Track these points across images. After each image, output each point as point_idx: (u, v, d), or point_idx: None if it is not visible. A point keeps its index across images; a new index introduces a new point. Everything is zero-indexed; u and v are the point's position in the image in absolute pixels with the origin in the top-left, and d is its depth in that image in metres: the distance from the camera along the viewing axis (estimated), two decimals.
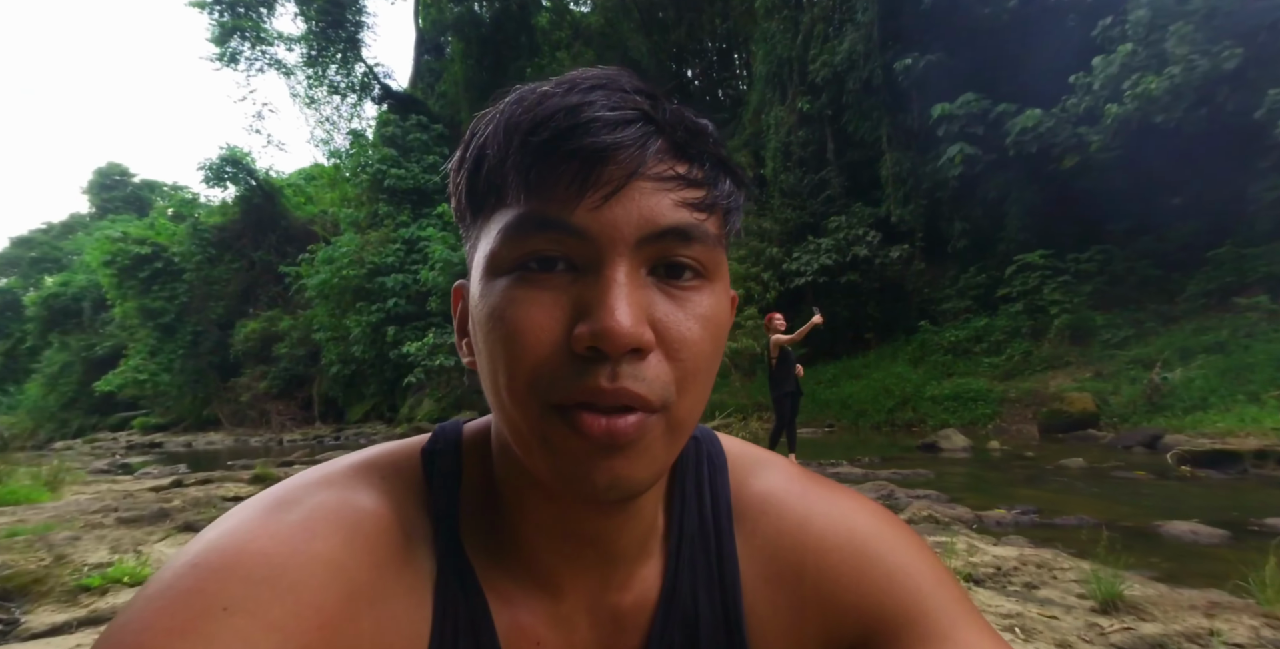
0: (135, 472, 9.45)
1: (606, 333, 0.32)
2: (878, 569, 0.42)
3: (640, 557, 0.45)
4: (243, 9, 21.38)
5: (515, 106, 0.36)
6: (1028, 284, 10.23)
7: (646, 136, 0.34)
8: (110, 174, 38.37)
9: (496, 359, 0.35)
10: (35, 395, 30.67)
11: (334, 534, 0.36)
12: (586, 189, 0.33)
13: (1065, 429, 8.16)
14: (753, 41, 14.68)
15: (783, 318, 6.20)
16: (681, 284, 0.36)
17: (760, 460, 0.50)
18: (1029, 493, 4.96)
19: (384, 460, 0.44)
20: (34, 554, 3.59)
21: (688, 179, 0.35)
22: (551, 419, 0.34)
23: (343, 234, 20.05)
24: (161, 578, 0.33)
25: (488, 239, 0.37)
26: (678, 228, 0.35)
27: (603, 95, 0.35)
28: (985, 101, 10.54)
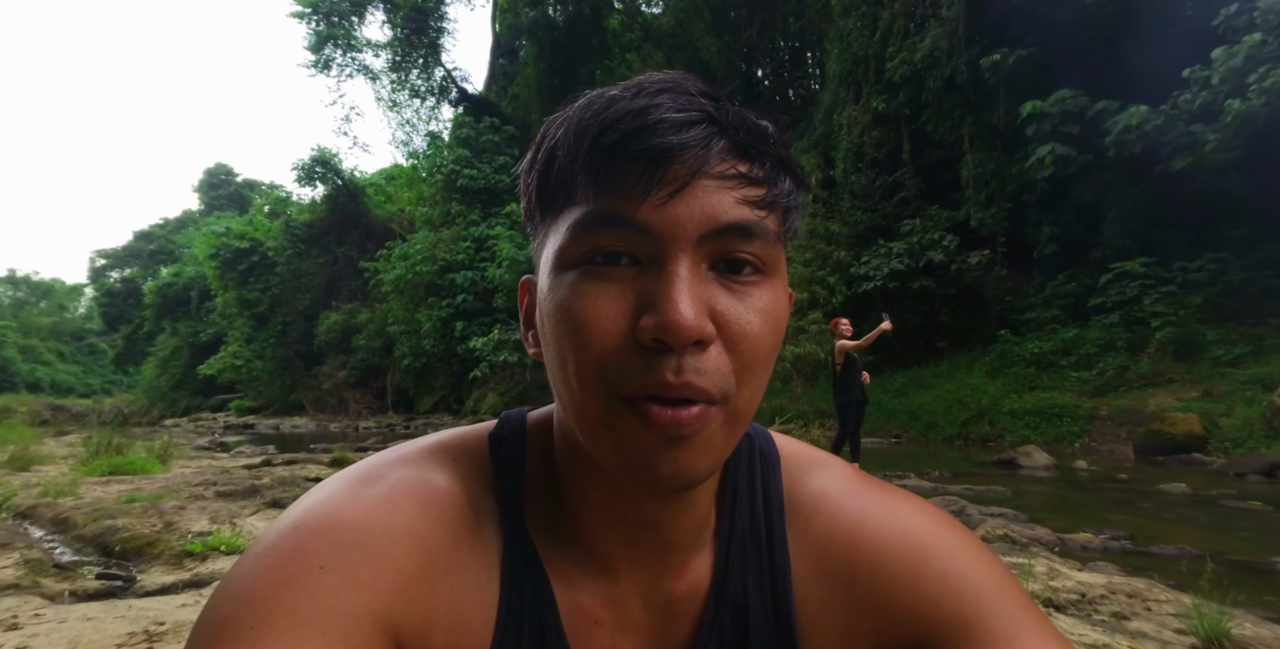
0: (231, 450, 10.25)
1: (671, 325, 0.33)
2: (935, 572, 0.42)
3: (694, 547, 0.46)
4: (336, 18, 22.77)
5: (585, 110, 0.38)
6: (1125, 294, 9.51)
7: (710, 137, 0.36)
8: (217, 174, 41.74)
9: (564, 349, 0.37)
10: (150, 376, 33.76)
11: (412, 507, 0.40)
12: (652, 187, 0.35)
13: (1166, 452, 7.55)
14: (827, 40, 14.34)
15: (849, 323, 6.04)
16: (741, 279, 0.37)
17: (815, 460, 0.51)
18: (1121, 518, 4.61)
19: (455, 443, 0.47)
20: (148, 520, 3.96)
21: (749, 178, 0.37)
22: (619, 408, 0.36)
23: (418, 232, 21.00)
24: (267, 538, 0.37)
25: (556, 236, 0.38)
26: (739, 224, 0.36)
27: (669, 98, 0.36)
28: (1083, 98, 9.87)
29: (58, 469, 6.25)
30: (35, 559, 3.37)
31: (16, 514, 4.58)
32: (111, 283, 40.74)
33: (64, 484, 5.01)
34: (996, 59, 10.68)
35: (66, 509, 4.35)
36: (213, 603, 0.35)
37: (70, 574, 3.27)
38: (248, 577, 0.35)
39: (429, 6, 22.98)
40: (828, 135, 14.16)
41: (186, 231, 39.55)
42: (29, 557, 3.40)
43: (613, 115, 0.36)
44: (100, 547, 3.75)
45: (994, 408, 9.71)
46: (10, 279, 59.88)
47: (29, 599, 2.82)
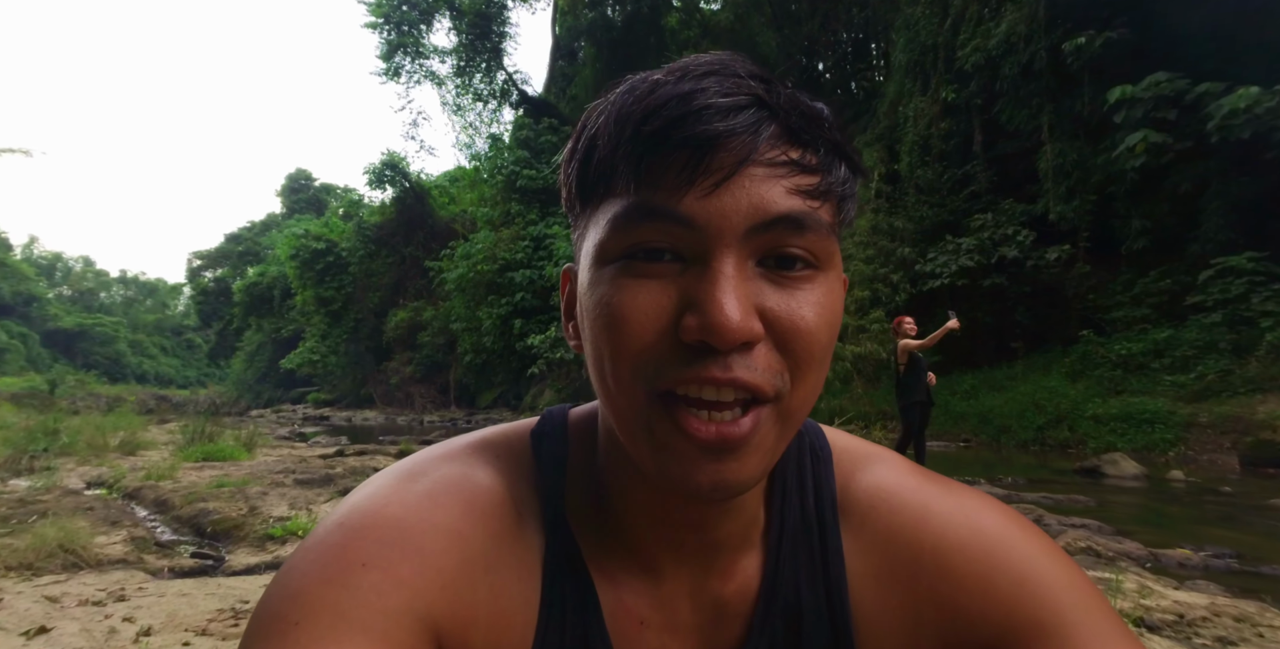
0: (309, 440, 10.91)
1: (716, 328, 0.32)
2: (1007, 574, 0.39)
3: (742, 547, 0.44)
4: (406, 27, 23.75)
5: (626, 96, 0.36)
6: (1229, 292, 8.72)
7: (759, 122, 0.34)
8: (297, 179, 44.37)
9: (602, 345, 0.36)
10: (238, 369, 36.37)
11: (454, 505, 0.40)
12: (696, 177, 0.33)
13: (1278, 464, 6.95)
14: (893, 30, 13.82)
15: (913, 321, 5.81)
16: (792, 275, 0.35)
17: (869, 454, 0.49)
18: (1224, 533, 4.28)
19: (498, 440, 0.47)
20: (235, 504, 4.27)
21: (801, 165, 0.35)
22: (656, 410, 0.34)
23: (479, 231, 21.67)
24: (316, 534, 0.38)
25: (596, 229, 0.37)
26: (790, 216, 0.34)
27: (715, 82, 0.34)
28: (1181, 81, 9.11)
29: (159, 454, 6.83)
30: (140, 537, 3.71)
31: (125, 495, 5.04)
32: (205, 282, 44.01)
33: (164, 468, 5.48)
34: (1081, 43, 10.01)
35: (166, 491, 4.76)
36: (265, 597, 0.36)
37: (169, 552, 3.58)
38: (295, 573, 0.36)
39: (492, 12, 23.64)
40: (892, 128, 13.66)
41: (270, 233, 42.19)
42: (135, 534, 3.74)
43: (655, 101, 0.34)
44: (194, 527, 4.07)
45: (1074, 412, 9.13)
46: (122, 279, 65.81)
47: (134, 573, 3.10)
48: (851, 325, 11.79)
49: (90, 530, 3.60)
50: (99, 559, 3.29)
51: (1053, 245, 10.75)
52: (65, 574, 3.03)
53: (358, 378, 27.12)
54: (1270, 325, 8.16)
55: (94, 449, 6.95)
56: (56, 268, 60.46)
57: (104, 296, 61.46)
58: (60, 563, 3.18)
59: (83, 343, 45.27)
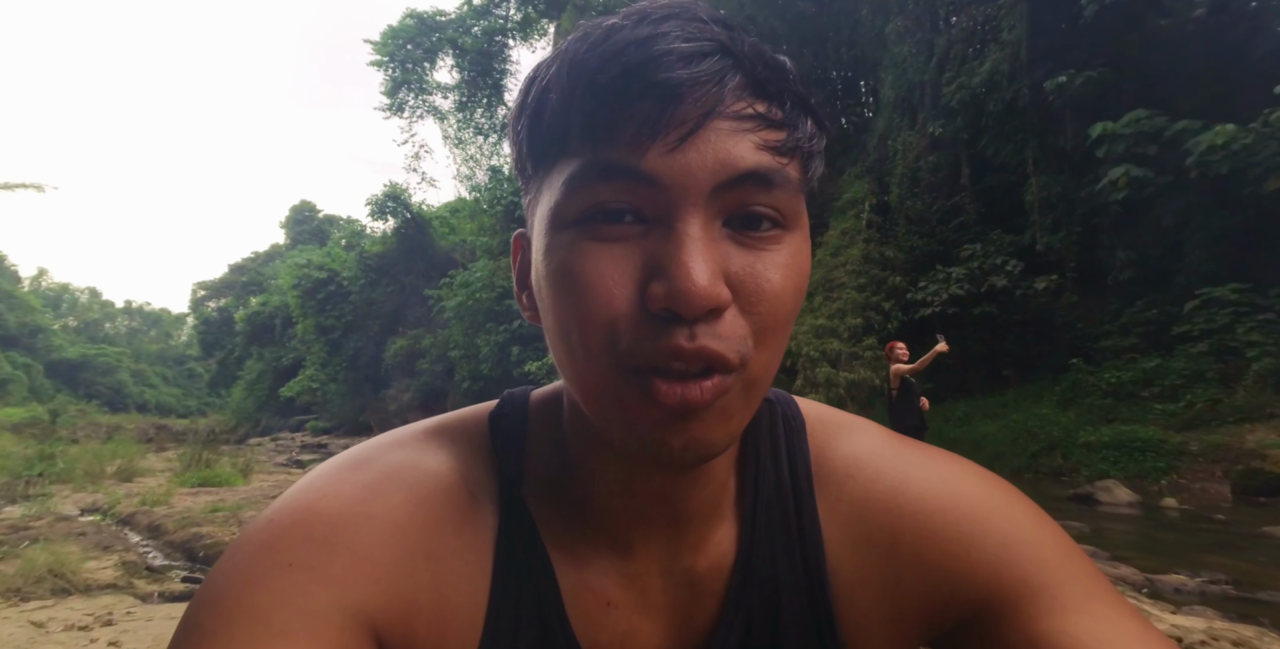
0: (305, 467, 10.91)
1: (683, 294, 0.30)
2: (992, 536, 0.38)
3: (713, 519, 0.43)
4: (410, 64, 24.53)
5: (580, 43, 0.33)
6: (1215, 322, 8.84)
7: (724, 71, 0.32)
8: (301, 210, 45.03)
9: (566, 317, 0.34)
10: (238, 397, 36.28)
11: (394, 495, 0.38)
12: (659, 131, 0.31)
13: (1269, 492, 6.92)
14: (881, 68, 14.30)
15: (905, 347, 5.93)
16: (759, 235, 0.34)
17: (844, 423, 0.48)
18: (1219, 560, 4.33)
19: (453, 423, 0.46)
20: (228, 528, 4.32)
21: (768, 119, 0.33)
22: (626, 381, 0.33)
23: (478, 260, 21.96)
24: (246, 532, 0.37)
25: (551, 191, 0.35)
26: (757, 172, 0.32)
27: (676, 25, 0.32)
28: (1160, 118, 9.44)
29: (156, 481, 6.87)
30: (131, 562, 3.74)
31: (119, 520, 5.07)
32: (209, 312, 44.33)
33: (159, 494, 5.52)
34: (1062, 81, 10.38)
35: (160, 517, 4.80)
36: (190, 605, 0.35)
37: (160, 577, 3.61)
38: (218, 577, 0.35)
39: (493, 50, 24.47)
40: (881, 161, 14.01)
41: (274, 264, 42.65)
42: (126, 559, 3.77)
43: (612, 47, 0.32)
44: (186, 552, 4.11)
45: (1067, 440, 9.16)
46: (127, 310, 66.21)
47: (123, 598, 3.14)
48: (845, 352, 11.88)
49: (81, 555, 3.63)
50: (88, 584, 3.31)
51: (1041, 275, 10.91)
52: (53, 599, 3.05)
53: (356, 405, 27.08)
54: (1256, 355, 8.26)
55: (90, 476, 6.99)
56: (63, 299, 61.00)
57: (109, 327, 61.82)
58: (49, 588, 3.19)
59: (85, 373, 45.34)
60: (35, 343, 42.34)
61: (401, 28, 24.11)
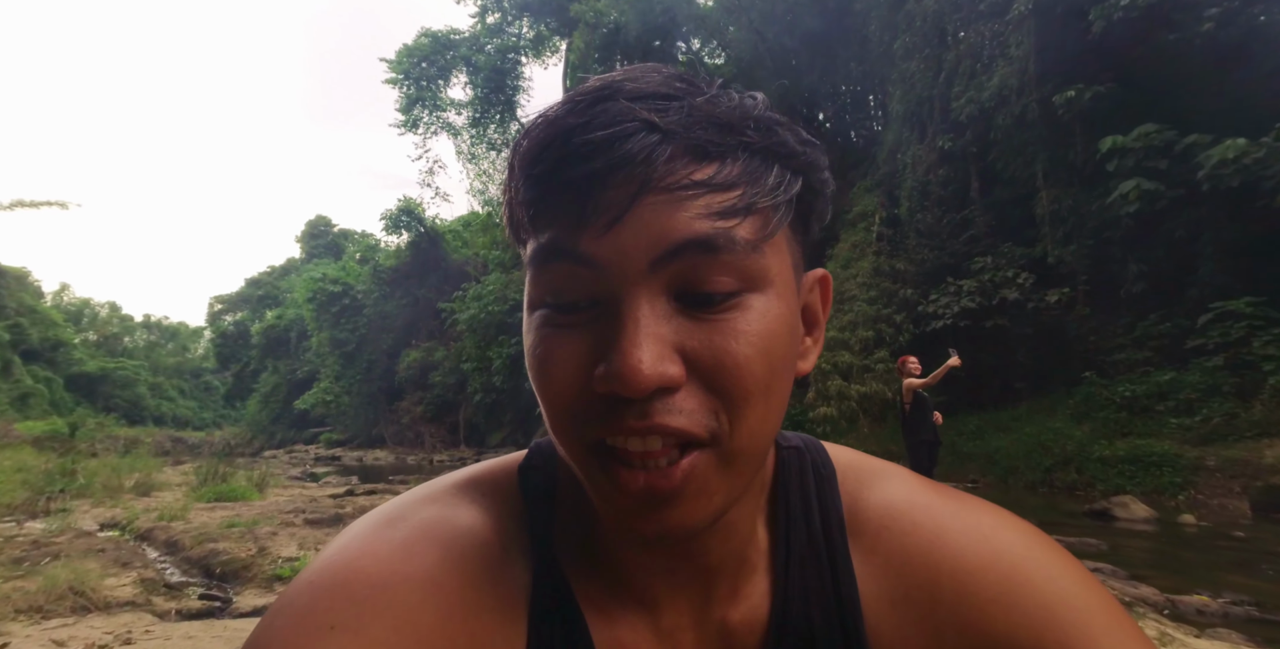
0: (319, 480, 11.01)
1: (621, 377, 0.30)
2: (1033, 598, 0.37)
3: (742, 571, 0.42)
4: (425, 82, 25.00)
5: (524, 137, 0.35)
6: (1230, 336, 8.73)
7: (650, 148, 0.31)
8: (317, 225, 45.66)
9: (539, 395, 0.36)
10: (253, 410, 36.64)
11: (430, 552, 0.38)
12: (587, 217, 0.32)
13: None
14: (889, 83, 14.40)
15: (917, 361, 5.93)
16: (715, 307, 0.33)
17: (876, 470, 0.46)
18: (1241, 581, 4.23)
19: (484, 477, 0.45)
20: (244, 544, 4.35)
21: (710, 184, 0.32)
22: (592, 461, 0.34)
23: (490, 274, 22.17)
24: (287, 594, 0.37)
25: (526, 270, 0.37)
26: (695, 239, 0.31)
27: (603, 110, 0.32)
28: (1169, 132, 9.41)
29: (172, 495, 6.97)
30: (149, 579, 3.79)
31: (137, 536, 5.14)
32: (225, 325, 44.91)
33: (176, 509, 5.59)
34: (1071, 96, 10.39)
35: (177, 532, 4.85)
36: None
37: (177, 594, 3.65)
38: (262, 638, 0.35)
39: (506, 67, 24.91)
40: (891, 175, 14.05)
41: (289, 277, 43.23)
42: (144, 576, 3.82)
43: (541, 141, 0.33)
44: (203, 568, 4.15)
45: (1081, 454, 9.05)
46: (145, 324, 67.25)
47: (142, 616, 3.18)
48: (856, 365, 11.86)
49: (100, 572, 3.64)
50: (108, 601, 3.33)
51: (1053, 288, 10.84)
52: (74, 617, 3.07)
53: (369, 418, 27.26)
54: (1273, 369, 8.14)
55: (109, 491, 7.08)
56: (84, 314, 62.09)
57: (127, 341, 62.77)
58: (69, 605, 3.21)
59: (104, 386, 46.05)
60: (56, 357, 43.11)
61: (417, 46, 24.62)
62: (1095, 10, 10.06)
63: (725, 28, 19.29)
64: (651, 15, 18.92)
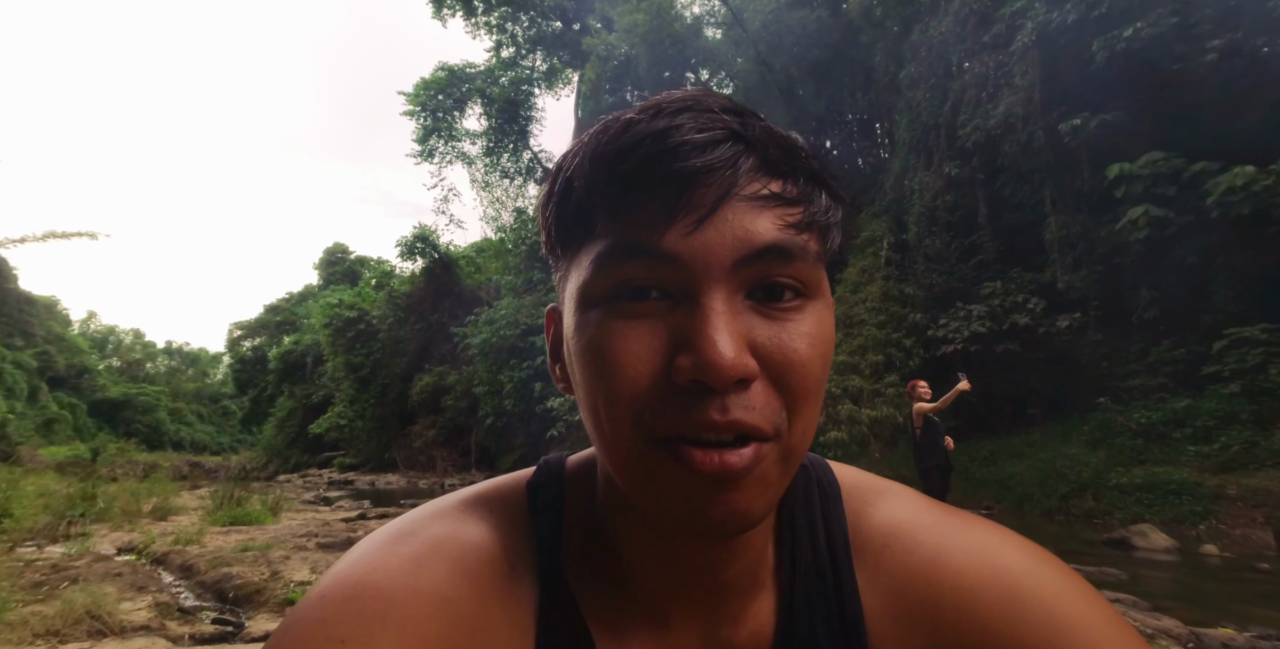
0: (332, 504, 11.07)
1: (710, 366, 0.31)
2: (1036, 614, 0.37)
3: (751, 589, 0.43)
4: (441, 113, 25.72)
5: (600, 135, 0.36)
6: (1245, 362, 8.62)
7: (737, 156, 0.34)
8: (335, 252, 46.43)
9: (596, 392, 0.35)
10: (269, 435, 36.84)
11: (440, 566, 0.38)
12: (678, 213, 0.33)
13: None
14: (895, 111, 14.62)
15: (927, 385, 5.90)
16: (783, 306, 0.35)
17: (880, 489, 0.47)
18: (1267, 613, 4.16)
19: (492, 494, 0.46)
20: (258, 568, 4.41)
21: (783, 197, 0.35)
22: (658, 453, 0.34)
23: (503, 299, 22.44)
24: (298, 609, 0.37)
25: (579, 271, 0.37)
26: (775, 246, 0.34)
27: (690, 117, 0.34)
28: (1176, 160, 9.47)
29: (189, 519, 7.06)
30: (164, 603, 3.85)
31: (154, 560, 5.22)
32: (244, 351, 45.46)
33: (192, 533, 5.67)
34: (1077, 124, 10.50)
35: (192, 556, 4.92)
36: None
37: (191, 618, 3.71)
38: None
39: (520, 99, 25.61)
40: (899, 200, 14.16)
41: (307, 303, 43.73)
42: (159, 600, 3.88)
43: (630, 140, 0.34)
44: (217, 593, 4.21)
45: (1098, 481, 8.89)
46: (167, 350, 68.45)
47: (156, 640, 3.22)
48: (867, 389, 11.80)
49: (117, 596, 3.66)
50: (123, 626, 3.34)
51: (1063, 313, 10.79)
52: (90, 641, 3.10)
53: (382, 442, 27.33)
54: None
55: (128, 515, 7.19)
56: (109, 341, 63.44)
57: (149, 367, 63.86)
58: (86, 630, 3.22)
59: (126, 411, 46.73)
60: (82, 383, 43.95)
61: (434, 80, 25.41)
62: (1098, 42, 10.22)
63: (733, 59, 19.77)
64: (661, 48, 19.45)
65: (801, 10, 17.29)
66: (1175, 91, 10.06)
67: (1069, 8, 10.72)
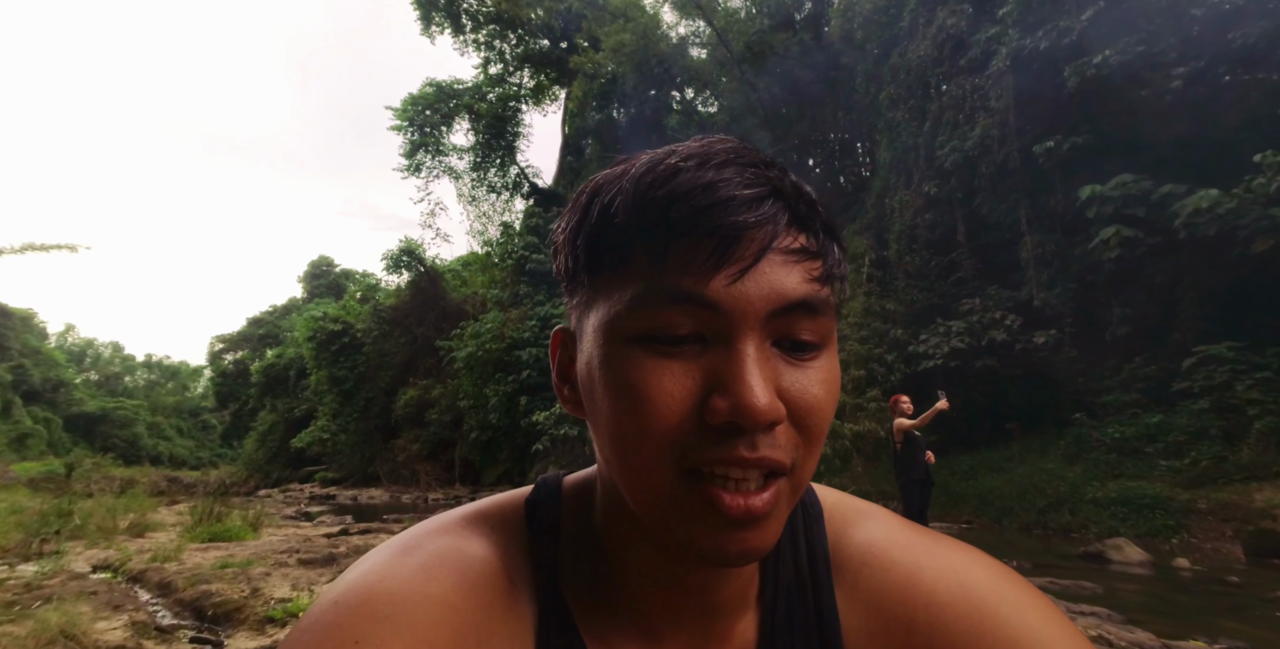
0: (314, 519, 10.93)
1: (748, 410, 0.33)
2: (1000, 630, 0.39)
3: (740, 609, 0.44)
4: (429, 128, 25.88)
5: (645, 178, 0.37)
6: (1214, 379, 8.87)
7: (778, 213, 0.36)
8: (319, 265, 46.08)
9: (626, 424, 0.36)
10: (250, 449, 36.15)
11: (447, 577, 0.39)
12: (723, 264, 0.35)
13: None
14: (876, 131, 14.99)
15: (909, 400, 5.99)
16: (805, 356, 0.37)
17: (860, 510, 0.49)
18: (1236, 626, 4.25)
19: (492, 510, 0.47)
20: (237, 585, 4.33)
21: (809, 252, 0.37)
22: (687, 488, 0.35)
23: (489, 312, 22.42)
24: (312, 612, 0.38)
25: (609, 303, 0.38)
26: (805, 301, 0.36)
27: (735, 172, 0.36)
28: (1145, 182, 9.80)
29: (167, 536, 6.94)
30: (141, 622, 3.78)
31: (130, 577, 5.12)
32: (225, 364, 44.72)
33: (170, 550, 5.57)
34: (1050, 146, 10.84)
35: (170, 574, 4.81)
36: None
37: (169, 637, 3.64)
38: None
39: (507, 115, 25.90)
40: (880, 218, 14.46)
41: (291, 317, 43.19)
42: (136, 619, 3.82)
43: (680, 189, 0.35)
44: (195, 610, 4.14)
45: (1074, 495, 9.04)
46: (147, 363, 67.22)
47: None
48: (849, 404, 11.95)
49: (92, 615, 3.59)
50: (98, 645, 3.24)
51: (1039, 330, 11.03)
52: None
53: (365, 456, 26.96)
54: (1257, 413, 8.24)
55: (103, 532, 7.03)
56: (87, 354, 62.29)
57: (128, 380, 62.71)
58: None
59: (103, 426, 45.74)
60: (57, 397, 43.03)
61: (422, 95, 25.61)
62: (1069, 68, 10.61)
63: (718, 79, 20.18)
64: (647, 67, 19.82)
65: (784, 33, 17.75)
66: (1143, 116, 10.45)
67: (1041, 35, 11.12)
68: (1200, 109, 9.97)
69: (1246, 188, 8.74)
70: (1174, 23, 10.03)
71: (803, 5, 18.81)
